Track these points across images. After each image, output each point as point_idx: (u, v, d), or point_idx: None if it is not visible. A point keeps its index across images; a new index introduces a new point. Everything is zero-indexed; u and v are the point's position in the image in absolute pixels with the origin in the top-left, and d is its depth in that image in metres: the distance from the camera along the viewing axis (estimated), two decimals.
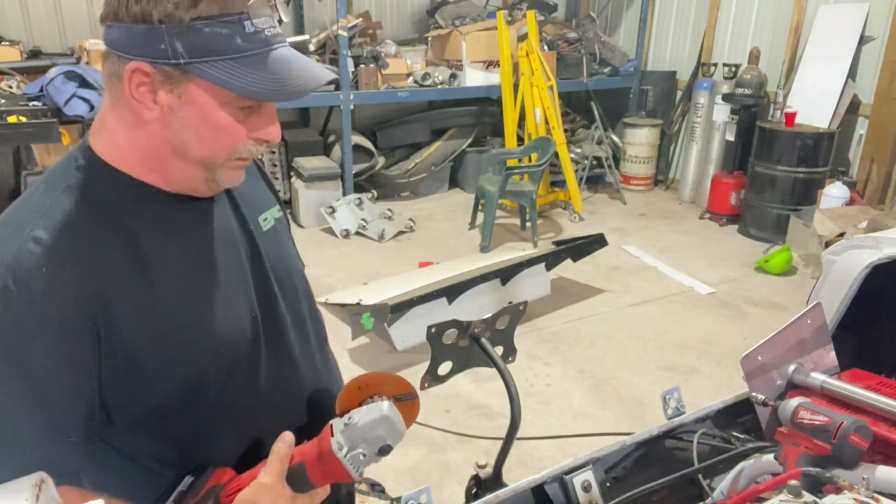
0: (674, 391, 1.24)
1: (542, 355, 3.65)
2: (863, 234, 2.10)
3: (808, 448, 1.01)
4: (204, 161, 0.90)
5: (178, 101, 0.85)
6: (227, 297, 0.97)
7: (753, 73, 5.62)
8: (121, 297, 0.85)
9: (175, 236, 0.93)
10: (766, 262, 4.75)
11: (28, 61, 5.00)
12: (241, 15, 0.82)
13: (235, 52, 0.83)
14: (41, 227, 0.83)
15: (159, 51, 0.81)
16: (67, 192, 0.87)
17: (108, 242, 0.86)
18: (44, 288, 0.80)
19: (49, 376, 0.82)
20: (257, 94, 0.85)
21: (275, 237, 1.10)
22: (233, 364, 0.97)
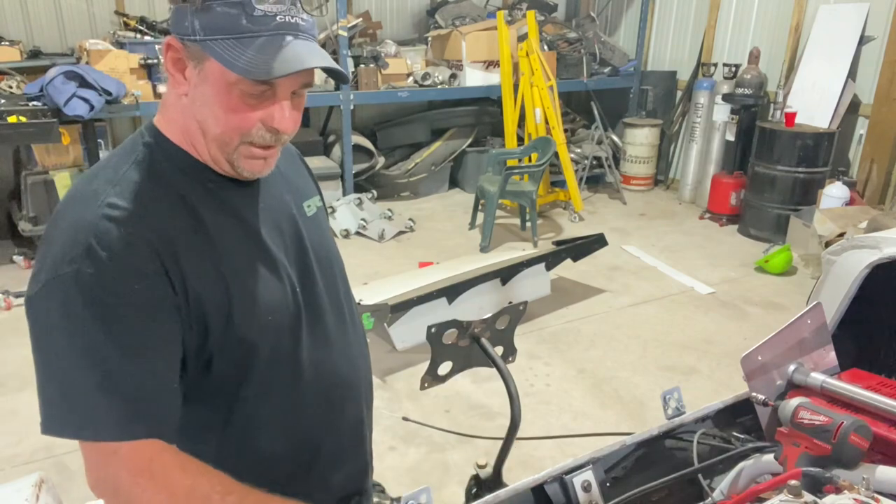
0: (674, 391, 1.24)
1: (542, 355, 3.65)
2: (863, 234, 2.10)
3: (808, 448, 1.01)
4: (218, 140, 0.94)
5: (198, 77, 0.91)
6: (272, 270, 1.02)
7: (753, 73, 5.62)
8: (187, 253, 0.91)
9: (226, 210, 0.98)
10: (766, 262, 4.75)
11: (28, 61, 5.00)
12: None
13: (239, 33, 0.86)
14: (115, 195, 0.90)
15: (184, 27, 0.88)
16: (135, 166, 0.94)
17: (171, 209, 0.93)
18: (124, 245, 0.86)
19: (145, 325, 0.88)
20: (253, 74, 0.87)
21: (317, 223, 1.15)
22: (278, 334, 1.02)
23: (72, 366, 0.86)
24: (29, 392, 3.23)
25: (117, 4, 5.65)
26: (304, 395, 1.07)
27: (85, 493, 0.95)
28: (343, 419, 1.16)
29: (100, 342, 0.85)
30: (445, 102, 6.61)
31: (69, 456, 2.75)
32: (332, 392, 1.12)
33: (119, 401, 0.86)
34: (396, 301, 3.37)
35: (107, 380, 0.85)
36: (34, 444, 2.85)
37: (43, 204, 4.71)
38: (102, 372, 0.85)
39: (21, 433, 2.93)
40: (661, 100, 6.80)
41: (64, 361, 0.86)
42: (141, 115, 5.34)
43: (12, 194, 5.12)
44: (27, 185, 4.66)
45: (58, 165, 4.77)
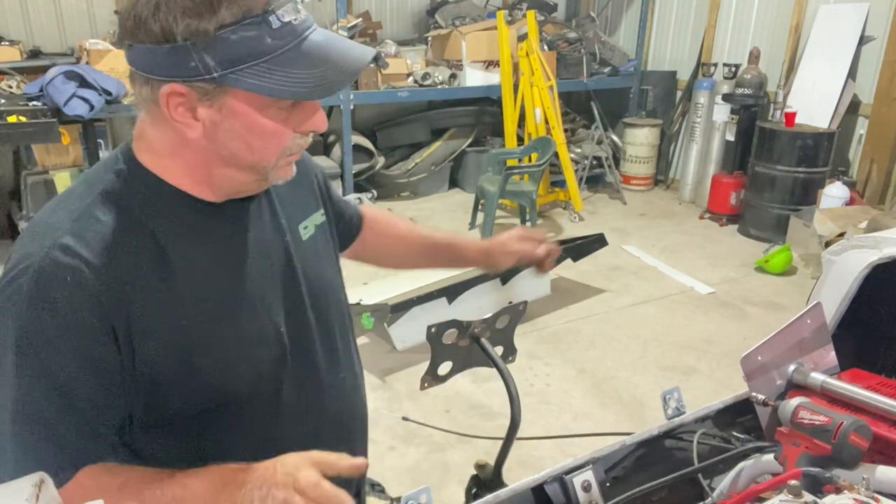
0: (674, 391, 1.23)
1: (542, 355, 3.65)
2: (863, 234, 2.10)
3: (808, 448, 1.01)
4: (256, 167, 0.88)
5: (219, 115, 0.82)
6: (252, 312, 0.94)
7: (753, 73, 5.62)
8: (143, 308, 0.84)
9: (205, 247, 0.91)
10: (766, 262, 4.75)
11: (28, 61, 5.00)
12: (265, 12, 0.77)
13: (267, 53, 0.78)
14: (71, 234, 0.82)
15: (190, 69, 0.77)
16: (102, 197, 0.85)
17: (135, 251, 0.84)
18: (66, 297, 0.79)
19: (78, 380, 0.81)
20: (298, 95, 0.81)
21: (313, 248, 1.06)
22: (255, 379, 0.95)
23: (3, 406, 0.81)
24: None
25: (117, 4, 5.64)
26: (284, 436, 1.00)
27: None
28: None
29: (21, 390, 0.80)
30: (445, 102, 6.61)
31: None
32: (319, 432, 1.06)
33: (28, 443, 0.80)
34: (396, 301, 3.37)
35: (18, 420, 0.80)
36: None
37: (43, 204, 4.69)
38: (18, 417, 0.80)
39: None
40: (661, 100, 6.80)
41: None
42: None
43: (12, 194, 5.12)
44: (27, 185, 4.66)
45: (58, 165, 4.77)
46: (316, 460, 0.80)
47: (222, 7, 0.76)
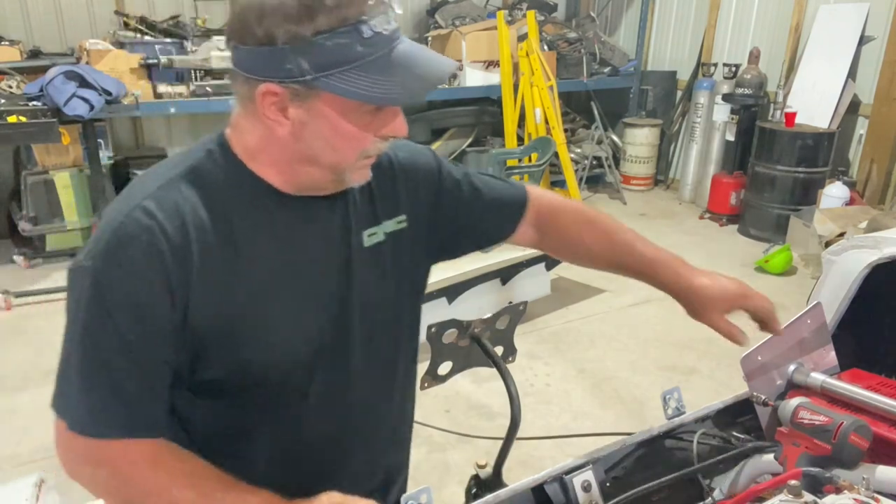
0: (674, 391, 1.23)
1: (542, 355, 3.65)
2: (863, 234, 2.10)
3: (808, 448, 1.01)
4: (335, 166, 0.93)
5: (307, 115, 0.87)
6: (299, 305, 0.98)
7: (753, 73, 5.62)
8: (202, 277, 0.89)
9: (271, 234, 0.95)
10: (766, 262, 4.75)
11: (28, 61, 5.00)
12: (359, 22, 0.82)
13: (357, 60, 0.83)
14: (153, 199, 0.89)
15: (286, 70, 0.83)
16: (189, 171, 0.93)
17: (205, 225, 0.90)
18: (139, 255, 0.86)
19: (141, 338, 0.88)
20: (384, 100, 0.86)
21: (377, 255, 1.05)
22: (288, 369, 0.99)
23: (68, 350, 0.89)
24: (29, 392, 3.23)
25: (117, 4, 5.65)
26: (306, 430, 1.05)
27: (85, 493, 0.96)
28: (345, 466, 1.11)
29: (91, 337, 0.87)
30: (445, 102, 6.60)
31: None
32: (341, 438, 1.09)
33: (95, 398, 0.88)
34: None
35: (86, 374, 0.88)
36: (34, 444, 2.85)
37: (43, 204, 4.71)
38: (84, 365, 0.88)
39: (21, 433, 2.92)
40: (661, 100, 6.80)
41: (66, 342, 0.90)
42: (141, 115, 5.35)
43: (12, 194, 5.12)
44: (27, 185, 4.66)
45: (58, 165, 4.77)
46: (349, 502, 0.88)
47: (320, 15, 0.81)
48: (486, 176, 1.21)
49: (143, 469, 0.89)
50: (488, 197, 1.18)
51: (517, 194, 1.22)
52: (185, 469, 0.89)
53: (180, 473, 0.89)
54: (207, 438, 1.00)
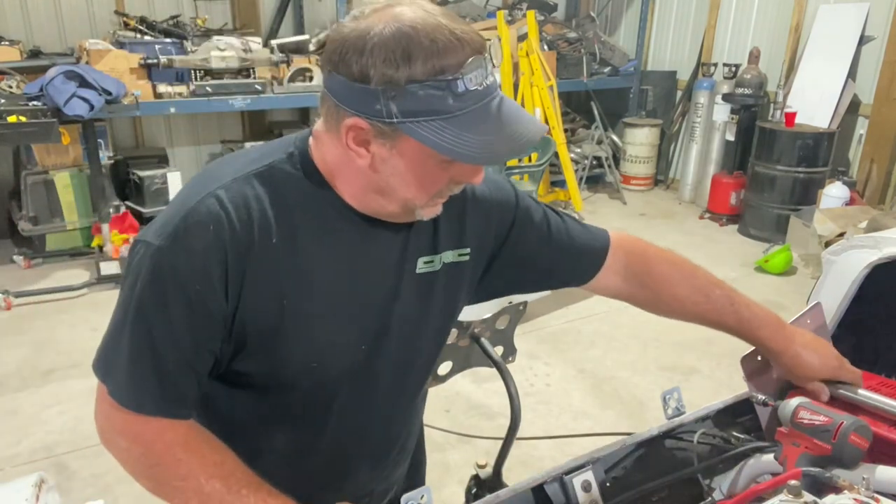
0: (674, 391, 1.23)
1: (542, 355, 3.65)
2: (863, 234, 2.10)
3: (808, 448, 1.01)
4: (407, 202, 0.93)
5: (388, 153, 0.88)
6: (345, 318, 0.99)
7: (753, 73, 5.62)
8: (257, 274, 0.91)
9: (332, 245, 0.96)
10: (766, 262, 4.75)
11: (28, 61, 4.99)
12: (455, 78, 0.82)
13: (446, 113, 0.83)
14: (226, 189, 0.91)
15: (375, 110, 0.84)
16: (267, 170, 0.94)
17: (271, 227, 0.92)
18: (203, 242, 0.88)
19: (193, 322, 0.90)
20: (463, 157, 0.85)
21: (427, 283, 1.05)
22: (320, 380, 1.01)
23: (121, 318, 0.91)
24: (29, 392, 3.23)
25: (117, 4, 5.65)
26: (319, 441, 1.07)
27: (85, 494, 0.96)
28: (351, 477, 1.14)
29: (144, 318, 0.89)
30: None
31: (69, 456, 2.75)
32: (352, 449, 1.11)
33: (139, 373, 0.90)
34: None
35: (134, 349, 0.90)
36: (34, 444, 2.85)
37: (43, 204, 4.71)
38: (134, 341, 0.90)
39: (21, 433, 2.92)
40: (661, 100, 6.80)
41: (120, 309, 0.92)
42: (141, 115, 5.35)
43: (12, 194, 5.12)
44: (27, 185, 4.66)
45: (58, 165, 4.77)
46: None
47: (418, 63, 0.81)
48: (569, 219, 1.18)
49: (177, 452, 0.90)
50: (566, 238, 1.16)
51: (599, 239, 1.19)
52: (215, 459, 0.91)
53: (211, 463, 0.90)
54: (224, 423, 1.02)
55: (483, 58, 0.85)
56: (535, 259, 1.15)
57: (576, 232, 1.17)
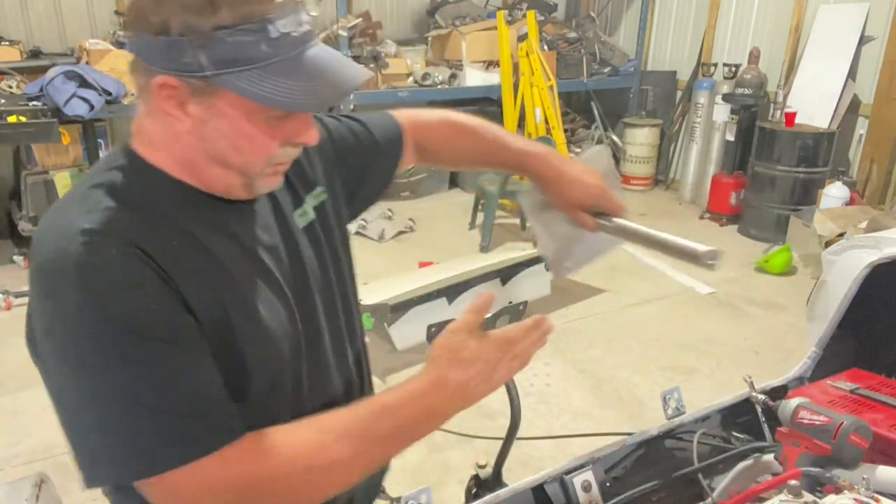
0: (674, 391, 1.24)
1: (542, 355, 3.64)
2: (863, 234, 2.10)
3: (808, 448, 1.01)
4: (242, 169, 0.88)
5: (208, 113, 0.83)
6: (275, 294, 0.95)
7: (753, 73, 5.62)
8: (182, 272, 0.83)
9: (223, 232, 0.91)
10: (766, 262, 4.75)
11: (28, 61, 5.00)
12: (265, 20, 0.78)
13: (262, 60, 0.79)
14: (89, 222, 0.80)
15: (184, 64, 0.78)
16: (107, 192, 0.84)
17: (158, 228, 0.84)
18: (114, 260, 0.78)
19: (167, 339, 0.80)
20: (288, 106, 0.82)
21: (312, 233, 1.05)
22: (281, 363, 0.95)
23: (102, 405, 0.79)
24: (29, 392, 3.23)
25: (117, 4, 5.65)
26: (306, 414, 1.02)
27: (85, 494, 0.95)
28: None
29: (127, 375, 0.78)
30: (445, 102, 6.60)
31: (69, 456, 2.74)
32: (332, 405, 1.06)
33: (173, 417, 0.79)
34: (396, 301, 3.37)
35: (153, 408, 0.78)
36: (34, 444, 2.85)
37: (43, 204, 4.71)
38: (143, 402, 0.78)
39: (21, 433, 2.92)
40: (661, 100, 6.80)
41: (92, 402, 0.79)
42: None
43: (12, 194, 5.12)
44: (27, 185, 4.66)
45: (58, 165, 4.77)
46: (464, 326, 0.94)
47: (222, 8, 0.76)
48: (362, 119, 1.20)
49: (277, 458, 0.82)
50: (376, 133, 1.19)
51: (392, 123, 1.23)
52: (301, 432, 0.85)
53: (304, 441, 0.84)
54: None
55: (296, 2, 0.81)
56: (369, 161, 1.18)
57: (377, 130, 1.20)
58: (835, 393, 1.24)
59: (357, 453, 0.86)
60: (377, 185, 1.23)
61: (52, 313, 0.80)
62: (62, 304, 0.79)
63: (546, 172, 1.20)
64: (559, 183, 1.19)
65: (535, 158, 1.21)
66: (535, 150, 1.22)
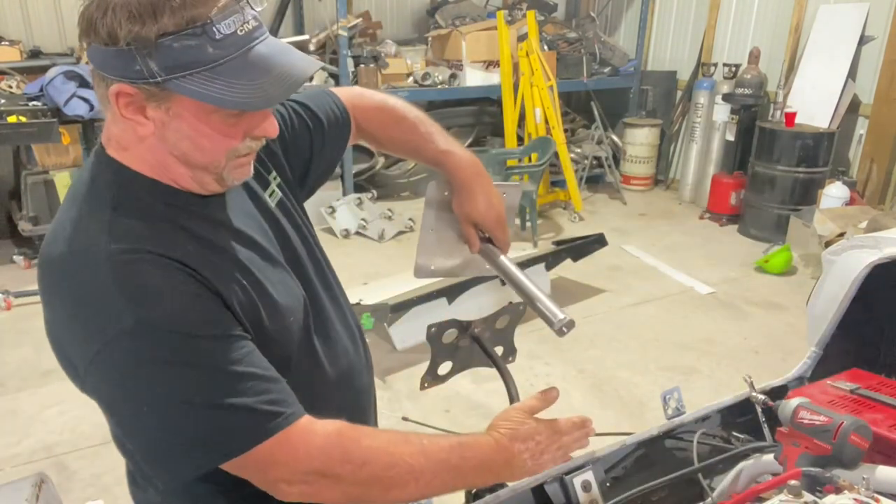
0: (674, 391, 1.24)
1: (542, 355, 3.65)
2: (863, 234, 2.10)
3: (808, 448, 1.01)
4: (207, 167, 0.90)
5: (167, 116, 0.84)
6: (278, 271, 1.00)
7: (753, 73, 5.62)
8: (210, 272, 0.88)
9: (217, 226, 0.95)
10: (766, 262, 4.75)
11: (28, 61, 4.99)
12: (207, 23, 0.79)
13: (209, 62, 0.80)
14: (113, 241, 0.84)
15: (135, 72, 0.80)
16: (118, 211, 0.87)
17: (173, 236, 0.88)
18: (160, 275, 0.83)
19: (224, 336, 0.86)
20: (240, 105, 0.83)
21: (285, 208, 1.11)
22: (299, 334, 1.02)
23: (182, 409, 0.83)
24: (29, 392, 3.23)
25: None
26: (326, 392, 1.08)
27: (85, 494, 0.95)
28: (357, 401, 1.17)
29: (194, 378, 0.83)
30: (445, 102, 6.60)
31: (69, 456, 2.75)
32: (343, 380, 1.13)
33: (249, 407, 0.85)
34: (396, 301, 3.37)
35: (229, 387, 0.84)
36: (34, 444, 2.85)
37: (43, 204, 4.71)
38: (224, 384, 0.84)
39: (21, 433, 2.92)
40: (661, 100, 6.80)
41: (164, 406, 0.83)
42: None
43: (12, 194, 5.12)
44: (27, 185, 4.66)
45: (58, 165, 4.77)
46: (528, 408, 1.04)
47: (164, 15, 0.78)
48: (308, 102, 1.21)
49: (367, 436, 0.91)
50: (322, 116, 1.21)
51: (338, 104, 1.25)
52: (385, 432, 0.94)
53: (388, 438, 0.93)
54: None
55: (236, 3, 0.82)
56: (312, 147, 1.21)
57: (322, 113, 1.22)
58: (835, 393, 1.24)
59: (428, 470, 0.92)
60: (327, 165, 1.27)
61: (101, 339, 0.82)
62: (111, 325, 0.81)
63: (461, 177, 1.23)
64: (468, 191, 1.22)
65: (456, 160, 1.24)
66: (459, 153, 1.25)
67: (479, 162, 1.26)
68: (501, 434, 0.99)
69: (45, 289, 0.88)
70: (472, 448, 0.96)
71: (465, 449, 0.96)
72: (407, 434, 0.96)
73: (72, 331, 0.86)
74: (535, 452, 1.00)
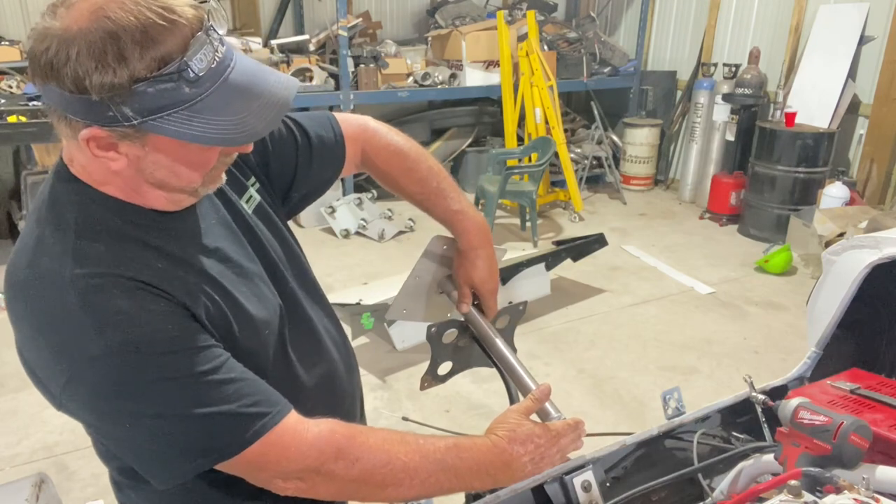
0: (674, 391, 1.24)
1: (542, 355, 3.65)
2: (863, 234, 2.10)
3: (808, 448, 1.01)
4: (183, 189, 0.89)
5: (143, 151, 0.81)
6: (251, 283, 0.99)
7: (753, 73, 5.62)
8: (179, 288, 0.87)
9: (190, 242, 0.93)
10: (766, 262, 4.75)
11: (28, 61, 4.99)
12: (182, 65, 0.75)
13: (187, 102, 0.77)
14: (78, 266, 0.82)
15: (108, 118, 0.76)
16: (81, 235, 0.84)
17: (144, 258, 0.86)
18: (126, 298, 0.81)
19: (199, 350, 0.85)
20: (221, 142, 0.81)
21: (263, 214, 1.09)
22: (274, 344, 1.01)
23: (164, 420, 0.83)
24: (29, 392, 3.23)
25: None
26: (303, 399, 1.05)
27: (85, 494, 0.96)
28: (339, 405, 1.16)
29: (172, 392, 0.82)
30: (445, 102, 6.61)
31: (69, 456, 2.75)
32: (323, 386, 1.12)
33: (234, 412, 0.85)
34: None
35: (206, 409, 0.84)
36: (34, 444, 2.85)
37: None
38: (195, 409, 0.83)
39: (21, 433, 2.93)
40: (661, 100, 6.80)
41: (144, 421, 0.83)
42: None
43: (12, 194, 5.12)
44: (27, 185, 4.66)
45: None
46: (524, 410, 1.05)
47: (133, 58, 0.73)
48: (303, 122, 1.18)
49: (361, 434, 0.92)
50: (314, 140, 1.17)
51: (335, 132, 1.21)
52: (382, 432, 0.95)
53: (384, 437, 0.94)
54: None
55: (205, 35, 0.78)
56: (297, 167, 1.17)
57: (315, 137, 1.18)
58: (835, 393, 1.24)
59: (423, 469, 0.93)
60: (314, 186, 1.22)
61: (71, 366, 0.81)
62: (79, 352, 0.80)
63: (469, 241, 1.24)
64: (474, 256, 1.24)
65: (467, 224, 1.25)
66: (471, 216, 1.25)
67: (488, 227, 1.27)
68: (499, 437, 1.00)
69: (12, 312, 0.86)
70: (468, 449, 0.97)
71: (462, 450, 0.96)
72: (403, 433, 0.96)
73: (40, 356, 0.84)
74: (537, 455, 1.01)
